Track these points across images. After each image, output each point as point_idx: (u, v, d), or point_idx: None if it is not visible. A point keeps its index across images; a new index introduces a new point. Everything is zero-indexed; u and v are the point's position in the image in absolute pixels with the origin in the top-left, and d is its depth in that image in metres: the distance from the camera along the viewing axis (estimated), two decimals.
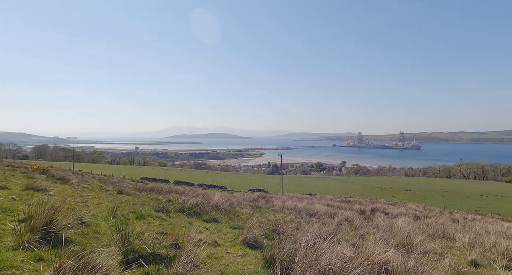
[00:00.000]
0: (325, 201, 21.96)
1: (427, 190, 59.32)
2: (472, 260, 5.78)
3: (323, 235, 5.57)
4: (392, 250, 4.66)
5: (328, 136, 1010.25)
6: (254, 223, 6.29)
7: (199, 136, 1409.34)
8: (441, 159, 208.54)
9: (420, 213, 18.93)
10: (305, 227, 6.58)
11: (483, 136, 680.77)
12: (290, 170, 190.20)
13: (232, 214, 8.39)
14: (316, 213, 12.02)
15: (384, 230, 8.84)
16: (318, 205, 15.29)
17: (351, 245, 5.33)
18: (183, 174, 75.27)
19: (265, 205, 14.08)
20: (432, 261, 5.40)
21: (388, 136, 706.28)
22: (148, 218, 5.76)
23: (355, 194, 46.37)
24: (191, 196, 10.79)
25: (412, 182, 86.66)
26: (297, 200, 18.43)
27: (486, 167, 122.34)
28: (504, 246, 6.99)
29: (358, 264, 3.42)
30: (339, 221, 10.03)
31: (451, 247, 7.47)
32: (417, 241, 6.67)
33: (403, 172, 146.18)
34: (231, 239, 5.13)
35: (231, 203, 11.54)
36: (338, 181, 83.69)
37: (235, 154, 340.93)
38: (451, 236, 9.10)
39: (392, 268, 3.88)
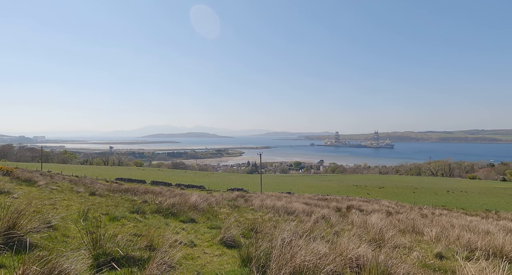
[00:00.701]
0: (303, 199, 22.32)
1: (399, 187, 62.03)
2: (437, 252, 6.13)
3: (300, 232, 5.67)
4: (364, 246, 4.83)
5: (306, 136, 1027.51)
6: (232, 222, 6.28)
7: (177, 135, 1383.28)
8: (412, 157, 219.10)
9: (393, 209, 19.78)
10: (282, 225, 6.67)
11: (450, 135, 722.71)
12: (270, 169, 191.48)
13: (210, 214, 8.33)
14: (294, 211, 12.20)
15: (358, 226, 9.15)
16: (296, 203, 15.51)
17: (326, 241, 5.47)
18: (160, 174, 73.50)
19: (244, 204, 14.10)
20: (401, 254, 5.69)
21: (364, 136, 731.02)
22: (122, 220, 5.58)
23: (332, 192, 47.58)
24: (168, 197, 10.58)
25: (386, 179, 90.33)
26: (275, 199, 18.59)
27: (452, 165, 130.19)
28: (467, 239, 7.46)
29: (332, 260, 3.53)
30: (316, 219, 10.24)
31: (420, 241, 7.85)
32: (389, 236, 6.96)
33: (377, 170, 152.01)
34: (208, 239, 5.09)
35: (209, 203, 11.44)
36: (316, 180, 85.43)
37: (214, 153, 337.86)
38: (420, 230, 9.57)
39: (364, 263, 4.03)
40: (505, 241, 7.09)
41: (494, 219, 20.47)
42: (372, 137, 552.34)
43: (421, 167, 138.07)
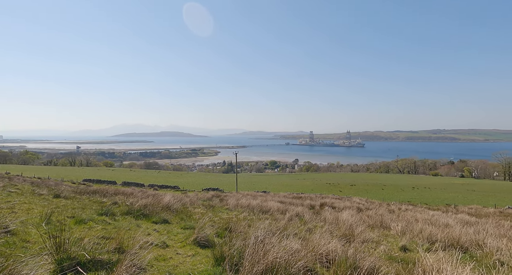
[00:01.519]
0: (278, 198, 22.61)
1: (369, 184, 64.76)
2: (402, 245, 6.51)
3: (274, 230, 5.75)
4: (335, 241, 5.02)
5: (282, 135, 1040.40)
6: (206, 222, 6.22)
7: (151, 135, 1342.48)
8: (382, 156, 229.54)
9: (363, 206, 20.62)
10: (256, 224, 6.72)
11: (415, 135, 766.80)
12: (245, 168, 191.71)
13: (184, 214, 8.20)
14: (269, 210, 12.34)
15: (330, 223, 9.44)
16: (271, 202, 15.68)
17: (299, 238, 5.60)
18: (132, 174, 70.92)
19: (219, 204, 14.03)
20: (369, 248, 5.96)
21: (337, 135, 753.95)
22: (90, 223, 5.33)
23: (307, 190, 48.62)
24: (140, 198, 10.26)
25: (357, 177, 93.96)
26: (251, 198, 18.66)
27: (417, 162, 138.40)
28: (428, 232, 7.98)
29: (303, 256, 3.62)
30: (290, 217, 10.44)
31: (387, 235, 8.26)
32: (358, 231, 7.27)
33: (349, 168, 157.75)
34: (181, 240, 5.01)
35: (183, 203, 11.25)
36: (291, 178, 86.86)
37: (189, 153, 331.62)
38: (387, 225, 10.05)
39: (334, 257, 4.18)
40: (461, 233, 7.70)
41: (453, 212, 22.05)
42: (344, 136, 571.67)
43: (389, 165, 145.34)
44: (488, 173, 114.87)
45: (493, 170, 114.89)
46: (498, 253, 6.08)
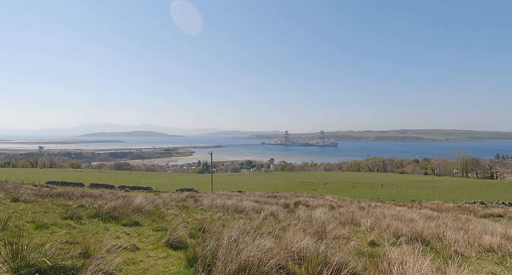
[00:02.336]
0: (254, 197, 22.70)
1: (341, 182, 66.96)
2: (371, 240, 6.82)
3: (248, 230, 5.77)
4: (308, 238, 5.13)
5: (257, 135, 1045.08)
6: (179, 223, 6.10)
7: (122, 134, 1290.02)
8: (353, 155, 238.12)
9: (335, 203, 21.29)
10: (231, 224, 6.70)
11: (384, 134, 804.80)
12: (221, 168, 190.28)
13: (157, 215, 7.97)
14: (244, 209, 12.36)
15: (304, 221, 9.64)
16: (246, 202, 15.71)
17: (273, 237, 5.66)
18: (101, 175, 67.69)
19: (194, 204, 13.83)
20: (340, 244, 6.17)
21: (311, 135, 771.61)
22: (52, 227, 5.01)
23: (282, 189, 49.26)
24: (110, 199, 9.82)
25: (330, 175, 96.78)
26: (226, 198, 18.58)
27: (386, 161, 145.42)
28: (395, 227, 8.41)
29: (276, 254, 3.67)
30: (264, 216, 10.52)
31: (357, 231, 8.60)
32: (330, 228, 7.50)
33: (323, 167, 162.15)
34: (153, 242, 4.87)
35: (156, 204, 10.94)
36: (267, 178, 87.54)
37: (162, 153, 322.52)
38: (357, 221, 10.45)
39: (306, 254, 4.28)
40: (424, 227, 8.22)
41: (417, 208, 23.44)
42: (318, 136, 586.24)
43: (360, 163, 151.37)
44: (448, 170, 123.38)
45: (452, 167, 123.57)
46: (455, 244, 6.56)
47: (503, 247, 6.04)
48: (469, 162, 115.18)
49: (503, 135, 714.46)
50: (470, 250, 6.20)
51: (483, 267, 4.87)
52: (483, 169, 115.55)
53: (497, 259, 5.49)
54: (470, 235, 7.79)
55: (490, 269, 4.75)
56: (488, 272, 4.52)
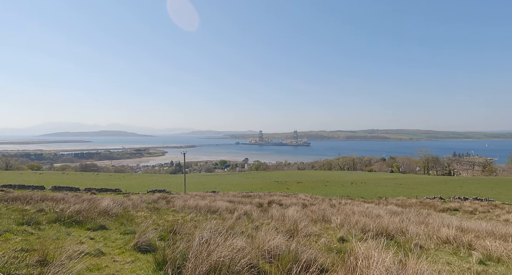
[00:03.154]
0: (228, 197, 22.59)
1: (314, 181, 68.71)
2: (340, 237, 7.06)
3: (221, 230, 5.73)
4: (280, 237, 5.20)
5: (232, 135, 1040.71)
6: (149, 225, 5.92)
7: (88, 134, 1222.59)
8: (325, 154, 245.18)
9: (308, 202, 21.80)
10: (203, 225, 6.62)
11: (354, 134, 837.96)
12: (194, 169, 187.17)
13: (125, 218, 7.65)
14: (217, 210, 12.26)
15: (277, 219, 9.75)
16: (220, 202, 15.60)
17: (246, 236, 5.67)
18: (65, 178, 63.72)
19: (165, 205, 13.48)
20: (311, 241, 6.33)
21: (285, 135, 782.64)
22: (6, 234, 4.63)
23: (256, 188, 49.48)
24: (73, 203, 9.27)
25: (303, 174, 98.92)
26: (199, 199, 18.31)
27: (356, 160, 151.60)
28: (363, 223, 8.78)
29: (247, 253, 3.68)
30: (238, 215, 10.50)
31: (328, 228, 8.86)
32: (302, 226, 7.66)
33: (296, 166, 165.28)
34: (120, 246, 4.67)
35: (125, 206, 10.51)
36: (241, 177, 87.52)
37: (133, 153, 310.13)
38: (328, 218, 10.76)
39: (278, 252, 4.34)
40: (389, 222, 8.66)
41: (384, 204, 24.70)
42: (292, 136, 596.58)
43: (332, 162, 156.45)
44: (412, 168, 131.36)
45: (415, 165, 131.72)
46: (417, 237, 7.00)
47: (458, 239, 6.55)
48: (430, 160, 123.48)
49: (459, 135, 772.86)
50: (429, 242, 6.64)
51: (440, 257, 5.24)
52: (442, 166, 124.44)
53: (452, 250, 5.94)
54: (430, 228, 8.36)
55: (446, 259, 5.13)
56: (444, 262, 4.87)
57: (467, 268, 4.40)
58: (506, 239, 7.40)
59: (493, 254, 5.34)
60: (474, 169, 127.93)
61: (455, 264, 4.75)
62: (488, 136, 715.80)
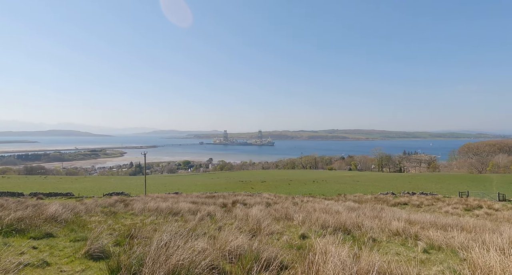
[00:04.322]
0: (191, 198, 22.10)
1: (278, 180, 70.05)
2: (302, 233, 7.27)
3: (182, 232, 5.56)
4: (242, 236, 5.21)
5: (196, 134, 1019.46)
6: (104, 230, 5.55)
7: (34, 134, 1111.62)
8: (289, 153, 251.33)
9: (271, 200, 22.16)
10: (164, 227, 6.38)
11: (316, 134, 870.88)
12: (156, 170, 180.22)
13: (76, 224, 7.08)
14: (180, 211, 11.92)
15: (240, 219, 9.74)
16: (182, 203, 15.19)
17: (208, 237, 5.58)
18: (5, 181, 57.32)
19: (123, 209, 12.78)
20: (274, 239, 6.43)
21: (249, 134, 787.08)
22: None
23: (220, 189, 49.07)
24: (15, 209, 8.34)
25: (267, 173, 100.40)
26: (161, 200, 17.66)
27: (317, 159, 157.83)
28: (323, 219, 9.14)
29: (209, 254, 3.62)
30: (201, 216, 10.31)
31: (290, 226, 9.07)
32: (265, 224, 7.75)
33: (260, 165, 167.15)
34: (69, 254, 4.30)
35: (77, 211, 9.75)
36: (205, 178, 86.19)
37: (87, 154, 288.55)
38: (291, 216, 11.02)
39: (240, 252, 4.33)
40: (347, 217, 9.15)
41: (343, 201, 26.01)
42: (256, 135, 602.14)
43: (295, 161, 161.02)
44: (368, 166, 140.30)
45: (371, 163, 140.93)
46: (371, 231, 7.48)
47: (406, 231, 7.14)
48: (384, 158, 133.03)
49: (409, 134, 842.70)
50: (382, 235, 7.13)
51: (390, 248, 5.66)
52: (394, 164, 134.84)
53: (401, 241, 6.46)
54: (382, 222, 8.98)
55: (396, 250, 5.56)
56: (394, 253, 5.27)
57: (413, 257, 4.80)
58: (446, 229, 8.23)
59: (435, 243, 5.91)
60: (420, 165, 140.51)
61: (403, 254, 5.17)
62: (432, 136, 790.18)
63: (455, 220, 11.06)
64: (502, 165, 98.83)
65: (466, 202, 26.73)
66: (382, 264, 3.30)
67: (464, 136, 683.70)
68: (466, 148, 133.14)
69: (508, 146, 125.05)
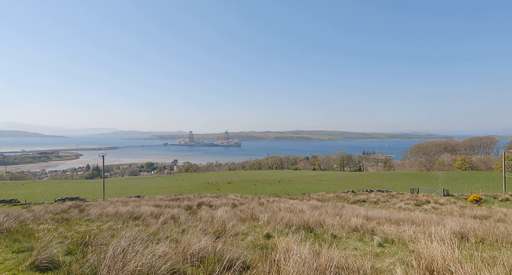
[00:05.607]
0: (154, 201, 21.31)
1: (244, 180, 70.17)
2: (266, 233, 7.36)
3: (143, 237, 5.33)
4: (206, 238, 5.13)
5: (159, 135, 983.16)
6: (53, 239, 5.11)
7: None
8: (255, 154, 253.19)
9: (238, 201, 22.13)
10: (122, 233, 6.05)
11: (282, 135, 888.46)
12: (116, 172, 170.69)
13: (21, 234, 6.43)
14: (141, 216, 11.44)
15: (205, 221, 9.61)
16: (145, 207, 14.59)
17: (170, 241, 5.41)
18: None
19: (78, 215, 11.92)
20: (239, 240, 6.43)
21: (216, 135, 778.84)
22: None
23: (185, 191, 47.90)
24: None
25: (234, 174, 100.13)
26: (121, 205, 16.80)
27: (283, 159, 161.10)
28: (287, 218, 9.35)
29: (170, 258, 3.51)
30: (164, 220, 9.98)
31: (255, 226, 9.13)
32: (230, 226, 7.71)
33: (227, 166, 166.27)
34: (10, 267, 3.89)
35: (22, 220, 8.87)
36: (170, 180, 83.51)
37: (36, 157, 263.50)
38: (256, 217, 11.11)
39: (204, 255, 4.26)
40: (310, 216, 9.45)
41: (307, 200, 26.84)
42: (223, 136, 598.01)
43: (261, 162, 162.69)
44: (331, 165, 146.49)
45: (334, 163, 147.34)
46: (332, 228, 7.81)
47: (364, 226, 7.57)
48: (345, 158, 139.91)
49: (367, 135, 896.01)
50: (342, 231, 7.49)
51: (349, 244, 5.97)
52: (354, 163, 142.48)
53: (359, 236, 6.84)
54: (343, 219, 9.43)
55: (354, 245, 5.88)
56: (352, 248, 5.57)
57: (369, 251, 5.11)
58: (399, 223, 8.89)
59: (389, 237, 6.35)
60: (378, 165, 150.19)
61: (360, 249, 5.48)
62: (388, 137, 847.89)
63: (406, 215, 12.00)
64: (447, 163, 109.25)
65: (416, 198, 29.12)
66: (340, 259, 3.47)
67: (415, 137, 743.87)
68: (416, 148, 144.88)
69: (452, 146, 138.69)
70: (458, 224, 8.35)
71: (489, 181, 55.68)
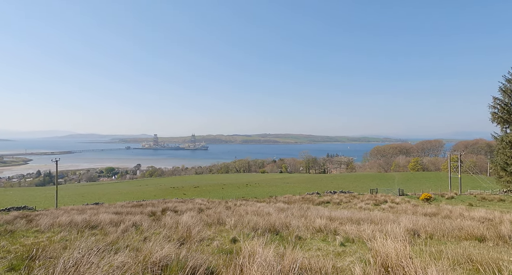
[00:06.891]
0: (114, 208, 20.11)
1: (211, 184, 69.19)
2: (233, 237, 7.29)
3: (100, 247, 4.98)
4: (169, 245, 4.93)
5: (121, 138, 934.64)
6: None
7: None
8: (223, 157, 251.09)
9: (204, 206, 21.69)
10: (77, 244, 5.60)
11: (249, 138, 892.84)
12: (72, 178, 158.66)
13: None
14: (99, 224, 10.71)
15: (170, 227, 9.27)
16: (103, 215, 13.68)
17: (131, 250, 5.13)
18: None
19: (25, 226, 10.80)
20: (204, 246, 6.29)
21: (182, 138, 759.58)
22: None
23: (149, 196, 45.96)
24: None
25: (201, 179, 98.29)
26: (76, 213, 15.60)
27: (251, 162, 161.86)
28: (254, 221, 9.37)
29: (129, 269, 3.32)
30: (125, 228, 9.45)
31: (222, 230, 9.01)
32: (195, 231, 7.52)
33: (194, 170, 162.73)
34: None
35: None
36: (132, 185, 79.59)
37: None
38: (223, 221, 10.98)
39: (167, 262, 4.09)
40: (276, 218, 9.57)
41: (274, 202, 27.18)
42: (189, 139, 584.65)
43: (229, 165, 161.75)
44: (297, 168, 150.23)
45: (300, 165, 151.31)
46: (297, 230, 7.98)
47: (327, 227, 7.84)
48: (310, 161, 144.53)
49: (331, 139, 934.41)
50: (307, 232, 7.68)
51: (313, 245, 6.14)
52: (319, 166, 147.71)
53: (323, 237, 7.07)
54: (308, 220, 9.68)
55: (318, 245, 6.06)
56: (316, 248, 5.74)
57: (332, 251, 5.30)
58: (359, 223, 9.35)
59: (350, 236, 6.65)
60: (341, 167, 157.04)
61: (323, 249, 5.66)
62: (350, 140, 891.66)
63: (366, 214, 12.67)
64: (402, 164, 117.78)
65: (375, 198, 30.91)
66: (303, 261, 3.55)
67: (374, 140, 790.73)
68: (376, 151, 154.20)
69: (406, 149, 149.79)
70: (411, 222, 9.02)
71: (438, 181, 61.10)
